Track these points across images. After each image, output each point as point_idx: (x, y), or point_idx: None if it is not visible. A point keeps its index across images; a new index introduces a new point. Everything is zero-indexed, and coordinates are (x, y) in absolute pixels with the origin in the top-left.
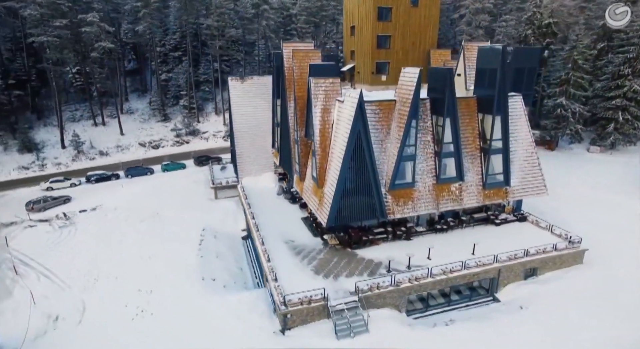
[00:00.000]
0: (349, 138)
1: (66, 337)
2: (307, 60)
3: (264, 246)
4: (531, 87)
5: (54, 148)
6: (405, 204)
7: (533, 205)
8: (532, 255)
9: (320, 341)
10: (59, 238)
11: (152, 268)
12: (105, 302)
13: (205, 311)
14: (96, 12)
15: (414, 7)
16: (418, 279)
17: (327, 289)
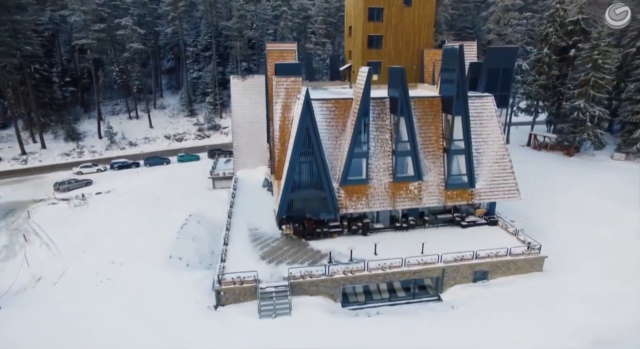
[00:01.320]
0: (297, 133)
1: (40, 294)
2: (281, 59)
3: (228, 231)
4: (507, 88)
5: (93, 138)
6: (359, 199)
7: (519, 211)
8: (481, 258)
9: (243, 318)
10: (71, 215)
11: (133, 244)
12: (81, 269)
13: (158, 285)
14: (130, 17)
15: (408, 7)
16: (353, 271)
17: (264, 274)
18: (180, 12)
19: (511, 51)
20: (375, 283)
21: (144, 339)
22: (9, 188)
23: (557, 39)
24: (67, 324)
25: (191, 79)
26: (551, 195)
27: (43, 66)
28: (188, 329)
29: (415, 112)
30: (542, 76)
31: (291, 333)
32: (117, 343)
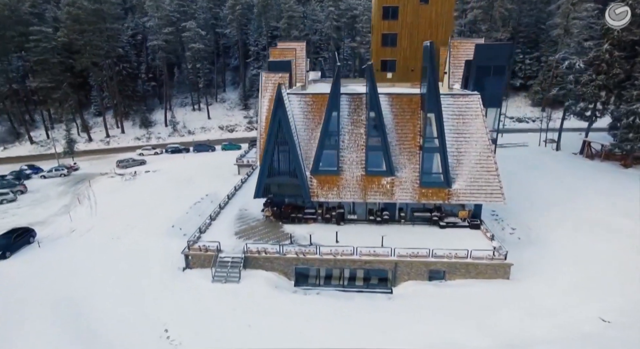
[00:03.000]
0: (270, 124)
1: (69, 242)
2: (282, 57)
3: (220, 209)
4: (499, 86)
5: (160, 126)
6: (330, 189)
7: (525, 220)
8: (437, 257)
9: (200, 280)
10: (120, 187)
11: (151, 214)
12: (104, 228)
13: (151, 246)
14: (194, 20)
15: (424, 5)
16: (305, 253)
17: (229, 247)
18: (237, 14)
19: (503, 48)
20: (338, 269)
21: (120, 282)
22: (89, 163)
23: (623, 34)
24: (75, 263)
25: (251, 76)
26: (570, 208)
27: (130, 64)
28: (155, 282)
29: (392, 109)
30: (601, 76)
31: (231, 297)
32: (102, 280)
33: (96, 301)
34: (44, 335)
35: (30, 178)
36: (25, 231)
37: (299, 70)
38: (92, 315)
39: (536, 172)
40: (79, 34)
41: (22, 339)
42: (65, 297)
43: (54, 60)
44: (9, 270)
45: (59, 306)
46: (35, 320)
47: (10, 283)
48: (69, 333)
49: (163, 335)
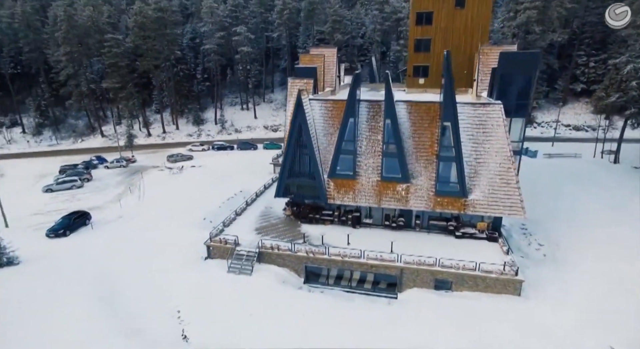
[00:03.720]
0: (290, 127)
1: (116, 226)
2: (311, 63)
3: (247, 205)
4: (526, 96)
5: (210, 124)
6: (346, 193)
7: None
8: (444, 266)
9: (217, 269)
10: (167, 179)
11: (188, 205)
12: (146, 216)
13: (182, 235)
14: (244, 25)
15: (460, 9)
16: (314, 253)
17: (247, 241)
18: (285, 19)
19: (530, 57)
20: (348, 270)
21: (149, 265)
22: (145, 156)
23: None
24: (117, 244)
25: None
26: (611, 230)
27: (187, 66)
28: (178, 267)
29: (410, 116)
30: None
31: (240, 287)
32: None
33: (126, 277)
34: (81, 300)
35: (96, 168)
36: (83, 214)
37: (329, 75)
38: (121, 289)
39: (585, 186)
40: (143, 40)
41: (65, 300)
42: (103, 272)
43: (122, 63)
44: (66, 246)
45: (97, 279)
46: (77, 287)
47: (66, 256)
48: (100, 301)
49: (175, 315)
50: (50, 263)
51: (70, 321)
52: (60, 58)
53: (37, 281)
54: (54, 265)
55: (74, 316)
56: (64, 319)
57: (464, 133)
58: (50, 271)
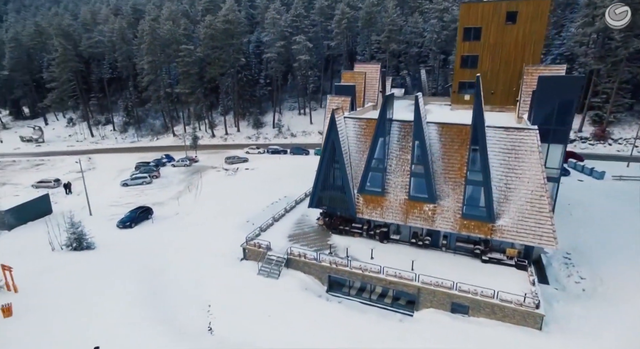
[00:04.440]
0: (324, 144)
1: (173, 220)
2: (352, 80)
3: (285, 212)
4: (566, 121)
5: (268, 127)
6: (375, 209)
7: (606, 271)
8: (461, 291)
9: (248, 271)
10: (222, 180)
11: (236, 206)
12: (198, 213)
13: (225, 235)
14: (303, 34)
15: (511, 25)
16: (337, 264)
17: (279, 247)
18: (343, 28)
19: (572, 81)
20: (369, 284)
21: (191, 260)
22: (207, 156)
23: None
24: (169, 238)
25: None
26: None
27: (250, 72)
28: (215, 265)
29: (441, 138)
30: None
31: (266, 290)
32: (180, 255)
33: (171, 269)
34: (130, 284)
35: (165, 166)
36: (147, 209)
37: (371, 91)
38: (164, 279)
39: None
40: (212, 49)
41: (118, 282)
42: (153, 262)
43: (192, 71)
44: (130, 237)
45: (147, 267)
46: (130, 273)
47: (128, 246)
48: (145, 288)
49: (205, 308)
50: (116, 250)
51: (117, 301)
52: (144, 66)
53: (103, 264)
54: (118, 252)
55: (121, 297)
56: (112, 298)
57: (495, 157)
58: (114, 257)
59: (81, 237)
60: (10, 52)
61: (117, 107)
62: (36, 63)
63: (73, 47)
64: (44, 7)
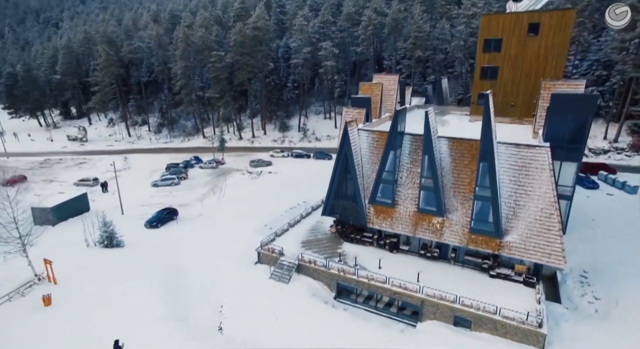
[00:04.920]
0: (337, 155)
1: (197, 221)
2: (369, 92)
3: (301, 218)
4: (579, 140)
5: (294, 131)
6: (385, 219)
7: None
8: (464, 305)
9: (261, 273)
10: (246, 182)
11: (255, 210)
12: (220, 217)
13: (243, 239)
14: (330, 40)
15: (533, 37)
16: (345, 272)
17: (292, 252)
18: (369, 34)
19: (586, 100)
20: (375, 292)
21: (209, 261)
22: (233, 159)
23: None
24: (191, 239)
25: None
26: None
27: (278, 76)
28: (230, 268)
29: (451, 152)
30: None
31: (276, 293)
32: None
33: (190, 269)
34: (151, 282)
35: (193, 167)
36: (172, 210)
37: (389, 101)
38: (182, 278)
39: None
40: (241, 55)
41: (141, 279)
42: (175, 262)
43: (222, 76)
44: (156, 236)
45: (169, 267)
46: (152, 271)
47: (154, 245)
48: (163, 284)
49: (218, 308)
50: (142, 249)
51: (139, 297)
52: (177, 71)
53: (130, 262)
54: (144, 251)
55: (143, 294)
56: (135, 294)
57: (505, 173)
58: (140, 255)
59: (112, 235)
60: (62, 57)
61: (153, 108)
62: (84, 67)
63: (115, 53)
64: (93, 13)
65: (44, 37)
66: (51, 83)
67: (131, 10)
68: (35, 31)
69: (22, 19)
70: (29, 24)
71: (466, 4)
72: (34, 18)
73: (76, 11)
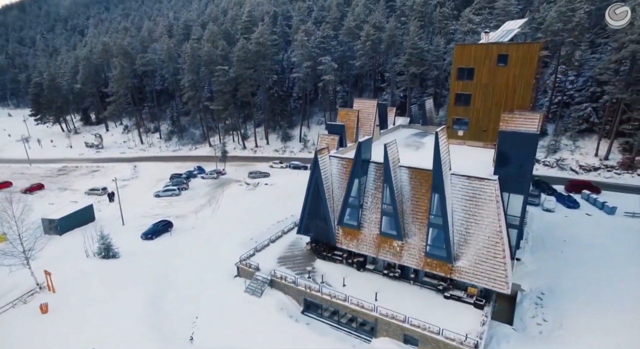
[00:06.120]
0: (309, 179)
1: (187, 235)
2: (347, 117)
3: (283, 234)
4: (524, 174)
5: (295, 141)
6: (352, 240)
7: (566, 312)
8: (412, 324)
9: (236, 287)
10: (242, 194)
11: (245, 224)
12: (211, 230)
13: (228, 252)
14: (329, 55)
15: (502, 67)
16: (311, 289)
17: (267, 267)
18: (367, 49)
19: (527, 137)
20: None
21: (194, 273)
22: (235, 169)
23: None
24: (181, 251)
25: (382, 100)
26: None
27: (282, 88)
28: (212, 280)
29: (411, 181)
30: None
31: (248, 306)
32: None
33: (175, 280)
34: (137, 291)
35: (195, 177)
36: (167, 223)
37: (367, 125)
38: (166, 289)
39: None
40: (244, 70)
41: (127, 288)
42: (161, 273)
43: (226, 90)
44: (149, 248)
45: (156, 277)
46: (139, 282)
47: (147, 256)
48: (148, 295)
49: (193, 319)
50: (135, 260)
51: (121, 303)
52: (185, 84)
53: (123, 272)
54: (137, 262)
55: (125, 301)
56: (120, 301)
57: (457, 203)
58: (133, 266)
59: (109, 247)
60: (82, 68)
61: (166, 116)
62: (102, 77)
63: (129, 65)
64: (115, 21)
65: (70, 44)
66: (73, 91)
67: (150, 19)
68: (63, 38)
69: (52, 27)
70: (58, 32)
71: (462, 20)
72: (63, 25)
73: (100, 18)
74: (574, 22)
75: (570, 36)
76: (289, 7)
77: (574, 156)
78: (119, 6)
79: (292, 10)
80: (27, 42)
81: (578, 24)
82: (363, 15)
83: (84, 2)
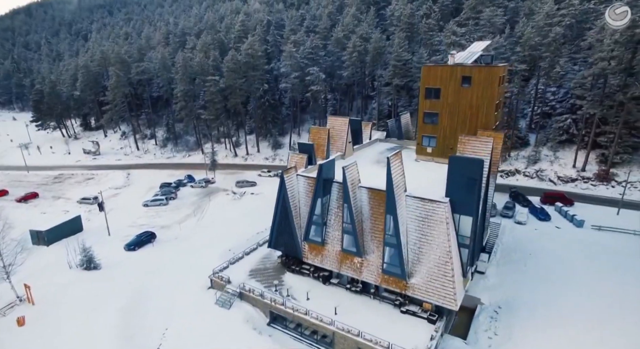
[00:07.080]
0: (277, 197)
1: (169, 246)
2: (317, 136)
3: (258, 246)
4: (472, 198)
5: (286, 149)
6: (316, 255)
7: (518, 326)
8: (365, 339)
9: (209, 299)
10: (228, 203)
11: (226, 234)
12: (193, 241)
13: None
14: (317, 66)
15: (467, 87)
16: (275, 302)
17: (239, 280)
18: (354, 60)
19: (474, 163)
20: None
21: (171, 284)
22: (223, 177)
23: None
24: (161, 261)
25: (370, 109)
26: (586, 335)
27: (272, 96)
28: (186, 291)
29: (370, 201)
30: None
31: (217, 318)
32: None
33: (150, 292)
34: (115, 302)
35: (185, 186)
36: (150, 234)
37: (340, 142)
38: (142, 301)
39: (614, 277)
40: (234, 80)
41: (105, 299)
42: (141, 284)
43: (216, 99)
44: (131, 259)
45: (135, 289)
46: (118, 293)
47: (128, 267)
48: (124, 306)
49: (162, 331)
50: (116, 272)
51: (96, 315)
52: (177, 94)
53: (103, 284)
54: (118, 273)
55: (101, 313)
56: (96, 311)
57: (412, 223)
58: (113, 278)
59: (91, 259)
60: (81, 76)
61: (162, 122)
62: (100, 85)
63: (125, 74)
64: (117, 25)
65: (74, 50)
66: (73, 98)
67: (151, 24)
68: (67, 43)
69: (56, 32)
70: (62, 36)
71: (446, 32)
72: (67, 30)
73: (103, 23)
74: (550, 37)
75: (547, 51)
76: (283, 15)
77: (553, 167)
78: (122, 10)
79: (286, 19)
80: (32, 46)
81: (554, 39)
82: (352, 25)
83: (88, 6)
